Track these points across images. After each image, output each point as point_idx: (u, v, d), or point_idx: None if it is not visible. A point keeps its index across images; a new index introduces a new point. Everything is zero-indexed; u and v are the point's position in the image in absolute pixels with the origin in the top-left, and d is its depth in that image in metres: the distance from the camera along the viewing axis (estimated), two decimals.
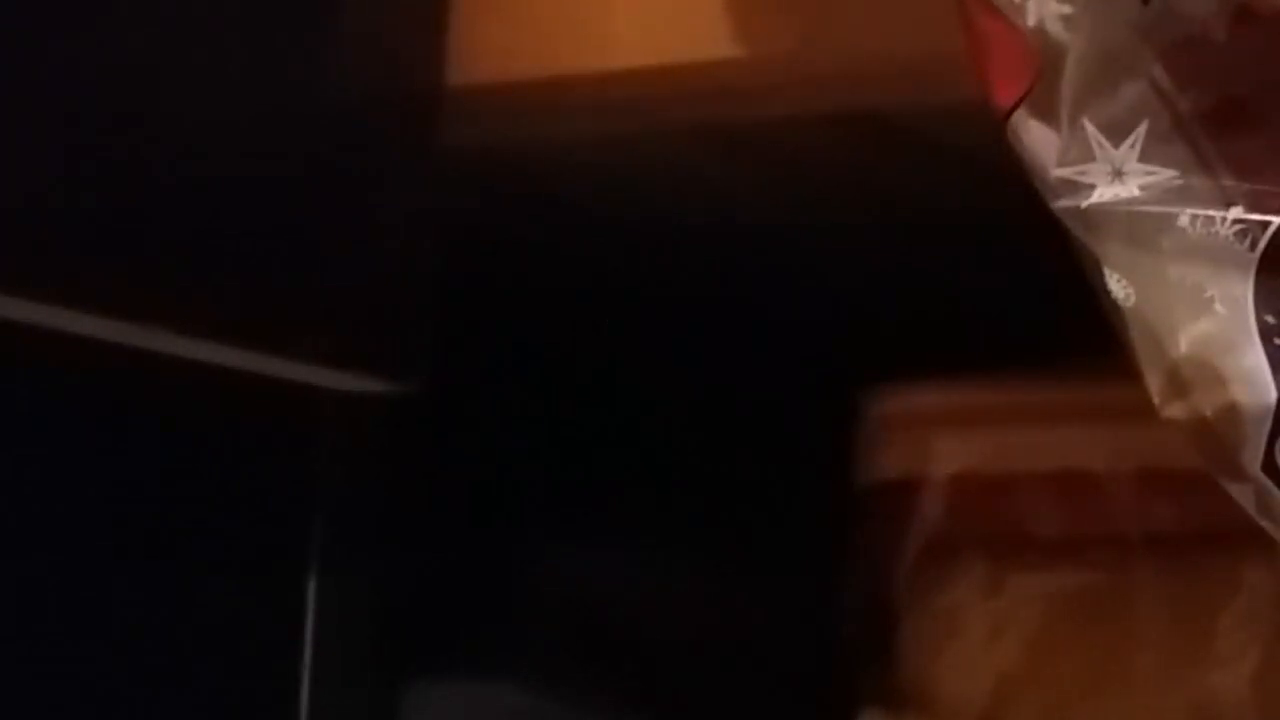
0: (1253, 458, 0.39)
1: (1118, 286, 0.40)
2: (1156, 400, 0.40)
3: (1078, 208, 0.40)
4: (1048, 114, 0.40)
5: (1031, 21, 0.39)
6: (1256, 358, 0.39)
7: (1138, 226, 0.39)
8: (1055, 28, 0.39)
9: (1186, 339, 0.39)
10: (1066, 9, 0.39)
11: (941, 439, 0.62)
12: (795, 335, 0.73)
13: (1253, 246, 0.39)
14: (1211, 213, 0.39)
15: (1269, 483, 0.39)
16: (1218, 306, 0.39)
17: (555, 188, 0.65)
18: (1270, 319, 0.39)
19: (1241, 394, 0.39)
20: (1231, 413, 0.39)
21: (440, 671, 0.66)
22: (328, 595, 0.62)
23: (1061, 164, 0.39)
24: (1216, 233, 0.39)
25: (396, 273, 0.61)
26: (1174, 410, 0.40)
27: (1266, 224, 0.39)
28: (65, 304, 0.48)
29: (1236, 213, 0.39)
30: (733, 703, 0.66)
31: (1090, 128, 0.39)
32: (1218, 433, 0.39)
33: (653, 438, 0.65)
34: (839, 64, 0.60)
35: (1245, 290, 0.39)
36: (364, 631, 0.64)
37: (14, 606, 0.53)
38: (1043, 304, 0.57)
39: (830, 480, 0.63)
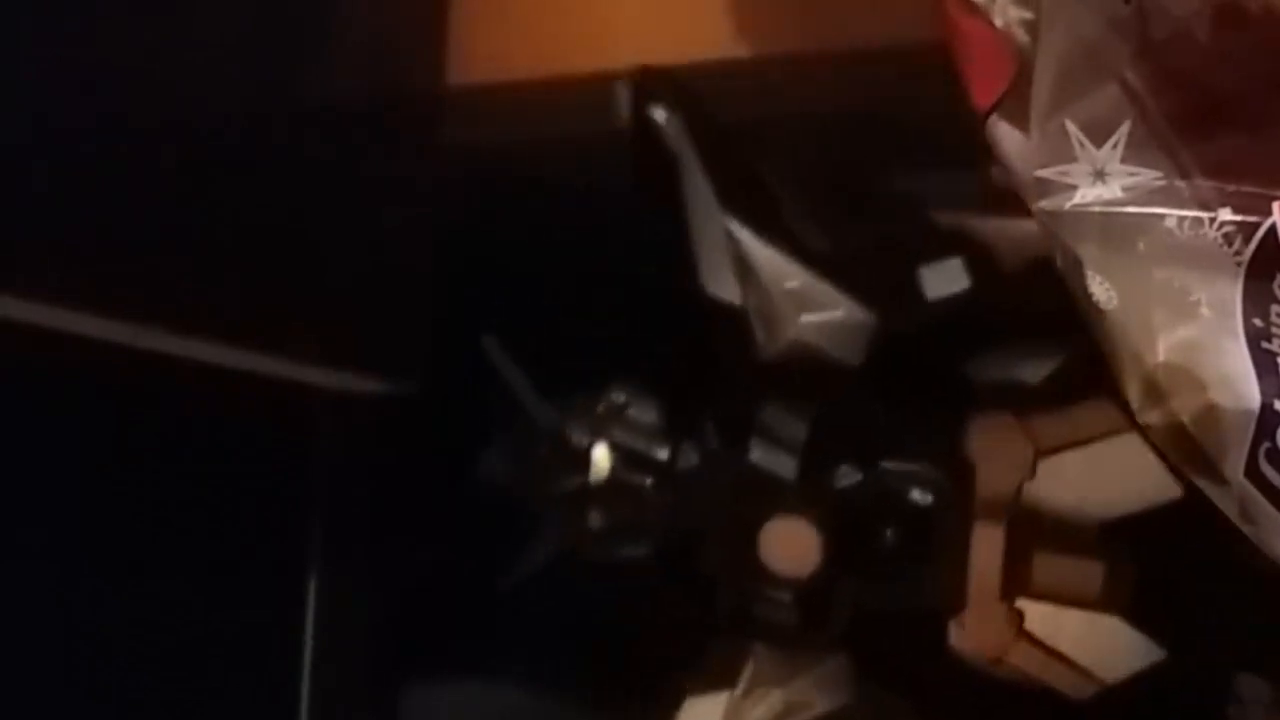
0: (1235, 464, 0.39)
1: (1100, 289, 0.40)
2: (1134, 406, 0.39)
3: (1059, 209, 0.39)
4: (1024, 114, 0.39)
5: (999, 24, 0.39)
6: (1241, 362, 0.39)
7: (1120, 228, 0.39)
8: (1019, 30, 0.39)
9: (1165, 344, 0.39)
10: (1028, 14, 0.39)
11: None
12: None
13: (1242, 249, 0.39)
14: (1199, 214, 0.39)
15: (1253, 489, 0.39)
16: (1203, 310, 0.39)
17: (555, 187, 0.65)
18: (1258, 322, 0.39)
19: (1223, 399, 0.38)
20: (1212, 418, 0.38)
21: (439, 671, 0.66)
22: (327, 595, 0.62)
23: (1041, 164, 0.39)
24: (1204, 235, 0.39)
25: (395, 272, 0.61)
26: (1151, 416, 0.39)
27: (1255, 226, 0.39)
28: (65, 304, 0.48)
29: (1225, 215, 0.39)
30: None
31: (1072, 128, 0.39)
32: (1197, 438, 0.39)
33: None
34: (839, 63, 0.60)
35: (1234, 293, 0.39)
36: (364, 631, 0.64)
37: (12, 607, 0.53)
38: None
39: None
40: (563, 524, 0.56)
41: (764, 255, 0.53)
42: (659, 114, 0.54)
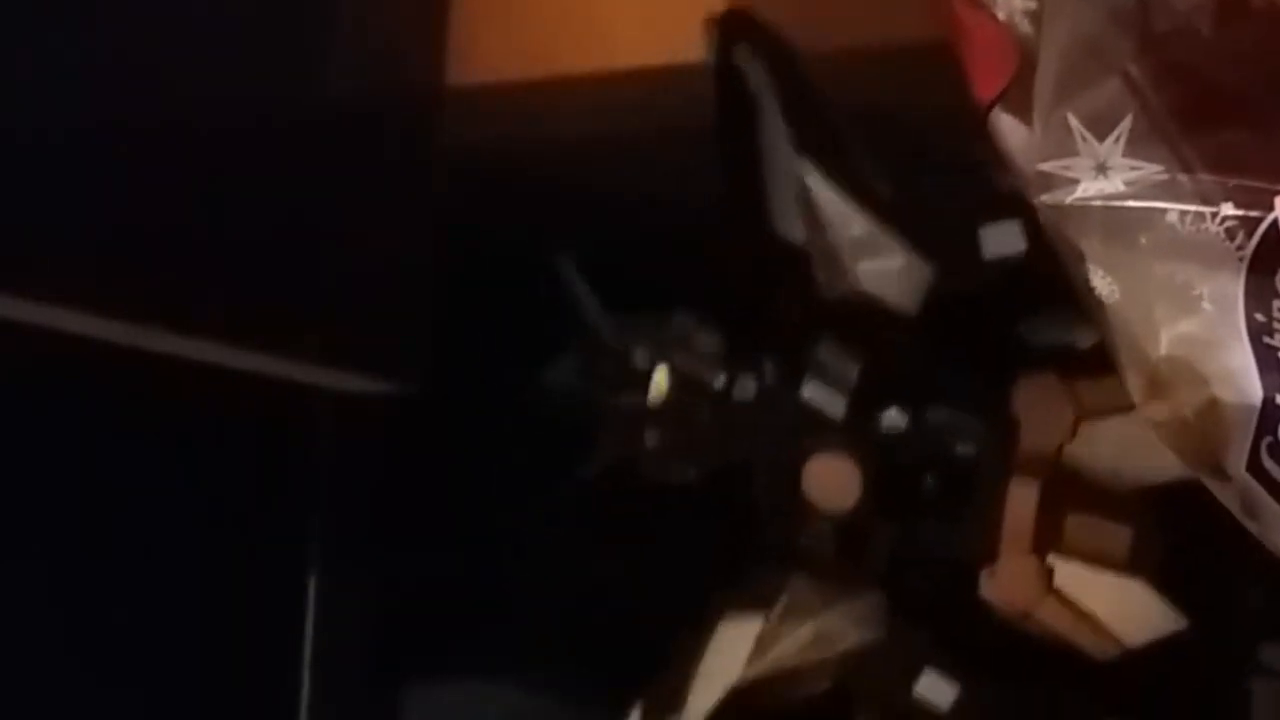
0: (1238, 459, 0.39)
1: (1101, 283, 0.40)
2: (1136, 399, 0.39)
3: (1061, 203, 0.39)
4: (1027, 108, 0.39)
5: (1002, 15, 0.39)
6: (1243, 357, 0.38)
7: (1122, 222, 0.39)
8: (1022, 22, 0.39)
9: (1168, 338, 0.39)
10: (1031, 4, 0.39)
11: None
12: None
13: (1244, 244, 0.39)
14: (1202, 209, 0.39)
15: (1255, 484, 0.39)
16: (1205, 305, 0.39)
17: (555, 187, 0.65)
18: (1260, 317, 0.39)
19: (1225, 393, 0.38)
20: (1214, 413, 0.38)
21: (440, 671, 0.65)
22: (328, 595, 0.62)
23: (1044, 158, 0.39)
24: (1206, 229, 0.39)
25: (396, 272, 0.61)
26: (1154, 410, 0.39)
27: (1258, 221, 0.39)
28: (65, 304, 0.48)
29: (1228, 209, 0.39)
30: None
31: (1074, 121, 0.39)
32: (1200, 433, 0.39)
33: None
34: (839, 62, 0.59)
35: (1236, 288, 0.39)
36: (364, 631, 0.64)
37: (13, 606, 0.53)
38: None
39: None
40: (619, 439, 0.57)
41: (831, 200, 0.54)
42: (742, 55, 0.55)
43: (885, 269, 0.53)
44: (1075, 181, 0.39)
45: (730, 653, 0.55)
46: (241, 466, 0.60)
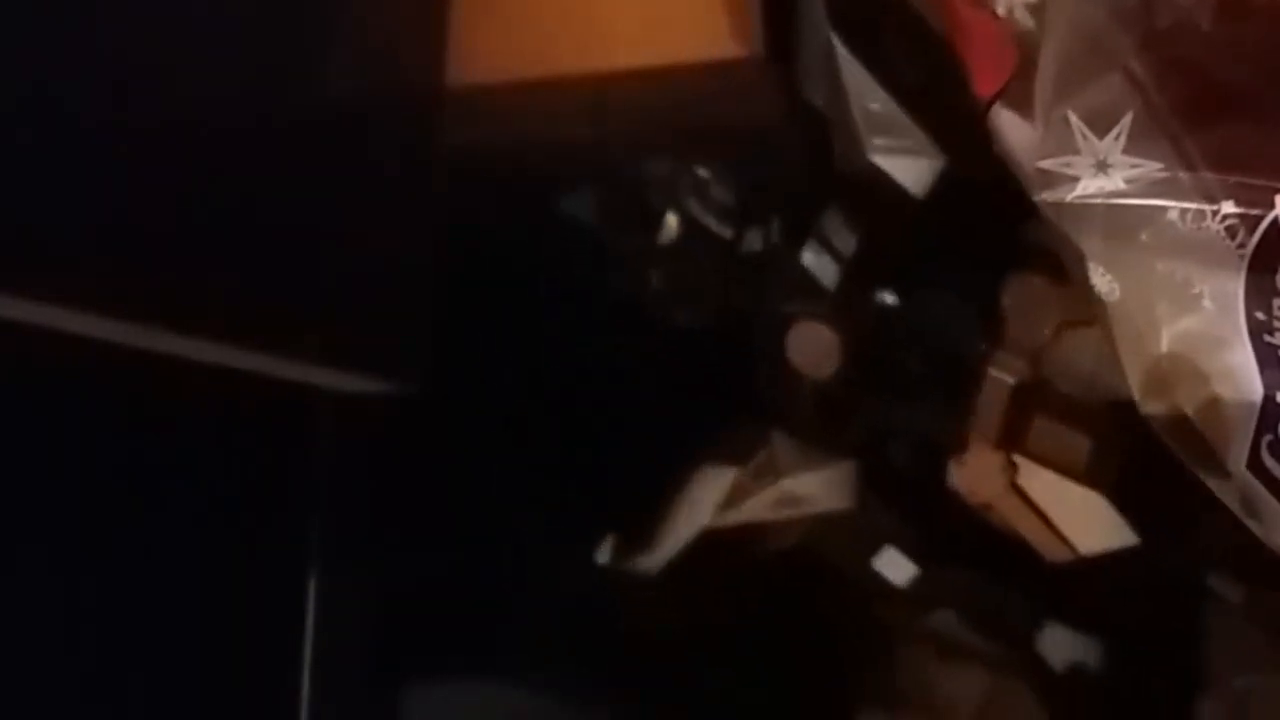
0: (1238, 456, 0.39)
1: (1102, 281, 0.40)
2: (1137, 395, 0.39)
3: (1062, 201, 0.39)
4: (1028, 105, 0.39)
5: (1002, 11, 0.39)
6: (1244, 354, 0.39)
7: (1123, 220, 0.39)
8: (1023, 16, 0.39)
9: (1169, 335, 0.39)
10: None
11: None
12: None
13: (1245, 242, 0.39)
14: (1202, 207, 0.39)
15: (1255, 481, 0.39)
16: (1206, 302, 0.39)
17: (555, 187, 0.65)
18: (1260, 315, 0.39)
19: (1226, 391, 0.38)
20: (1215, 410, 0.38)
21: (440, 671, 0.65)
22: (328, 595, 0.62)
23: (1044, 155, 0.39)
24: (1207, 227, 0.39)
25: (395, 272, 0.61)
26: (1154, 407, 0.39)
27: (1259, 219, 0.39)
28: (65, 304, 0.48)
29: (1228, 207, 0.39)
30: (732, 702, 0.66)
31: (1074, 119, 0.39)
32: (1200, 430, 0.39)
33: (653, 437, 0.64)
34: None
35: (1236, 287, 0.39)
36: (364, 631, 0.64)
37: (13, 605, 0.53)
38: None
39: None
40: (627, 275, 0.60)
41: (854, 72, 0.55)
42: None
43: (898, 148, 0.54)
44: (1076, 179, 0.39)
45: (702, 500, 0.58)
46: (241, 466, 0.60)
